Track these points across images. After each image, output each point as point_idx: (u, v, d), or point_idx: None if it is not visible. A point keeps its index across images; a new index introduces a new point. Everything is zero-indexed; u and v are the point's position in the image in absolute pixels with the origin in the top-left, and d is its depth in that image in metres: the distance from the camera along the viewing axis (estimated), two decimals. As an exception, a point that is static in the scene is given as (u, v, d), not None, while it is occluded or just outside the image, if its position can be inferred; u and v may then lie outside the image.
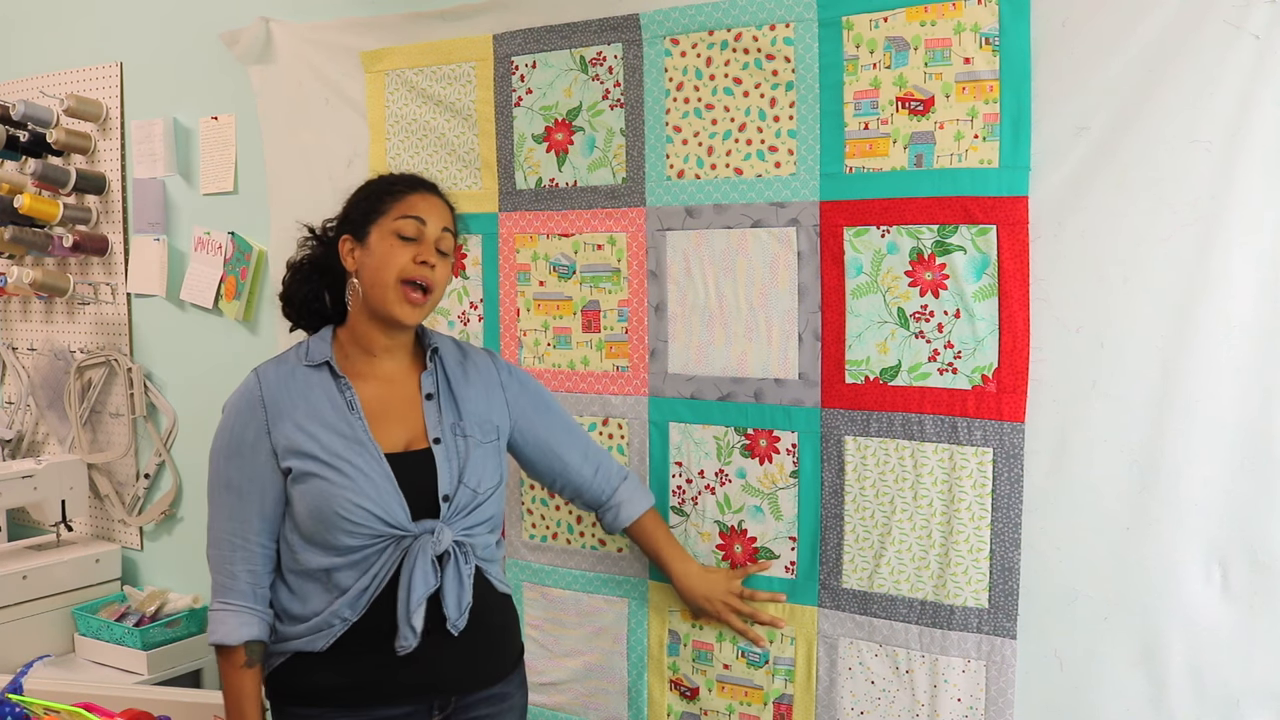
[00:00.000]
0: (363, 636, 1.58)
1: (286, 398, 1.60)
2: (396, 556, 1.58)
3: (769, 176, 1.94)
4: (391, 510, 1.57)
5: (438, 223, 1.66)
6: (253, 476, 1.59)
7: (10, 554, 2.89)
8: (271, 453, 1.58)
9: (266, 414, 1.59)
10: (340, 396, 1.62)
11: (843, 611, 1.92)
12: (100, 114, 2.93)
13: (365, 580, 1.57)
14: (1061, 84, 1.67)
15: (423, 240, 1.63)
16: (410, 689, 1.61)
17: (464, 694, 1.67)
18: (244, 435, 1.60)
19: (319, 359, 1.64)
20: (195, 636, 2.82)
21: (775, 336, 1.95)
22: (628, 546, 2.14)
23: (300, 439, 1.57)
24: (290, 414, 1.59)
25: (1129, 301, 1.65)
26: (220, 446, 1.62)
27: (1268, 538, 1.58)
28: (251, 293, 2.70)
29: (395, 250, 1.61)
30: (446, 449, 1.66)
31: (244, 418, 1.60)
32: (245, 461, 1.59)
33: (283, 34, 2.50)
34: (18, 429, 3.23)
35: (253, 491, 1.59)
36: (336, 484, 1.55)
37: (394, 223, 1.62)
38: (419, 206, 1.64)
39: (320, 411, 1.60)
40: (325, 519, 1.55)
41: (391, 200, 1.64)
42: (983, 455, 1.77)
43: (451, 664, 1.64)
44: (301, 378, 1.62)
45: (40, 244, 2.89)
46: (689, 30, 1.98)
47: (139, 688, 2.34)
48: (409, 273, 1.60)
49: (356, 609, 1.57)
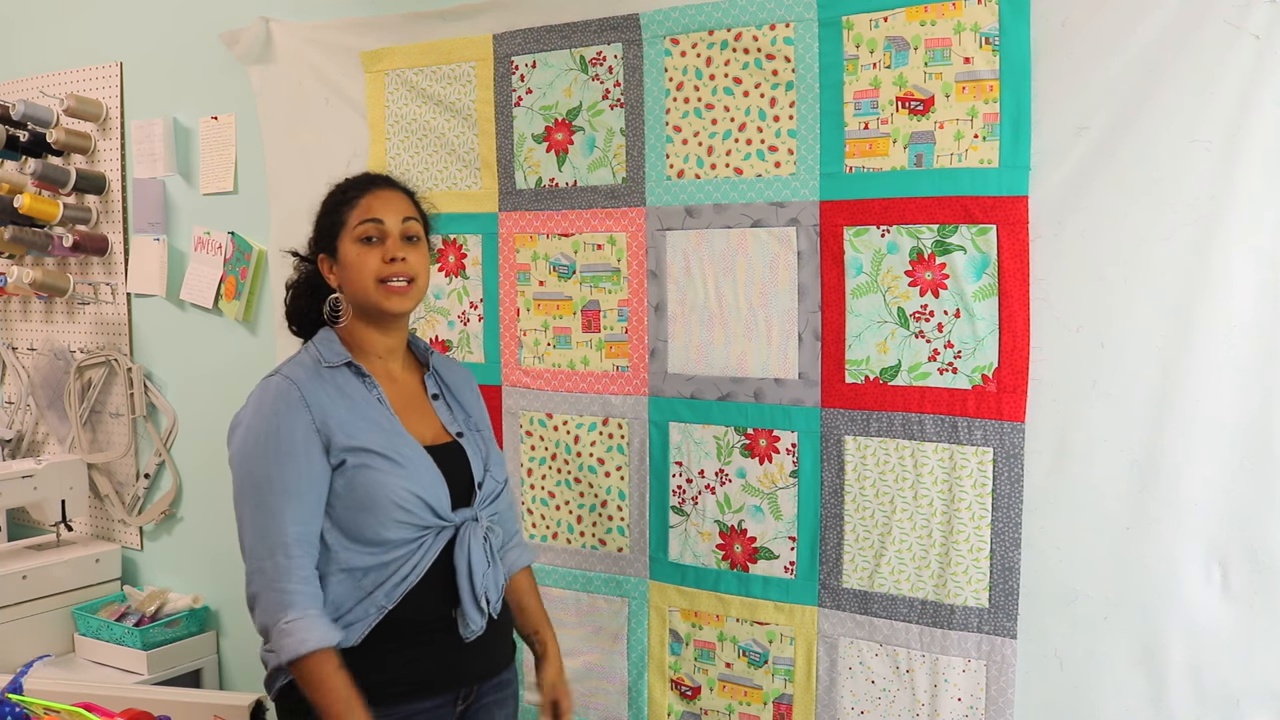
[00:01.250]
0: (394, 630, 1.58)
1: (325, 396, 1.59)
2: (438, 546, 1.60)
3: (769, 176, 1.94)
4: (439, 498, 1.60)
5: (396, 216, 1.66)
6: (310, 476, 1.55)
7: (10, 554, 2.89)
8: (324, 450, 1.56)
9: (311, 413, 1.57)
10: (369, 393, 1.64)
11: (843, 611, 1.92)
12: (100, 114, 2.93)
13: (405, 569, 1.58)
14: (1061, 84, 1.67)
15: (386, 238, 1.64)
16: (441, 682, 1.62)
17: (485, 681, 1.69)
18: (293, 436, 1.55)
19: (338, 360, 1.64)
20: (195, 636, 2.82)
21: (775, 336, 1.95)
22: (628, 546, 2.14)
23: (349, 434, 1.57)
24: (333, 411, 1.58)
25: (1129, 301, 1.65)
26: (264, 452, 1.55)
27: (1268, 538, 1.58)
28: (251, 293, 2.70)
29: (363, 257, 1.62)
30: (470, 442, 1.70)
31: (289, 419, 1.56)
32: (299, 462, 1.55)
33: (283, 34, 2.50)
34: (18, 429, 3.23)
35: (311, 491, 1.55)
36: (390, 473, 1.57)
37: (354, 230, 1.64)
38: (373, 208, 1.65)
39: (359, 407, 1.61)
40: (378, 508, 1.55)
41: (348, 209, 1.65)
42: (983, 455, 1.77)
43: (477, 653, 1.66)
44: (329, 377, 1.62)
45: (40, 244, 2.89)
46: (689, 30, 1.98)
47: (139, 688, 2.34)
48: (382, 274, 1.62)
49: (393, 598, 1.57)
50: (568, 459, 2.20)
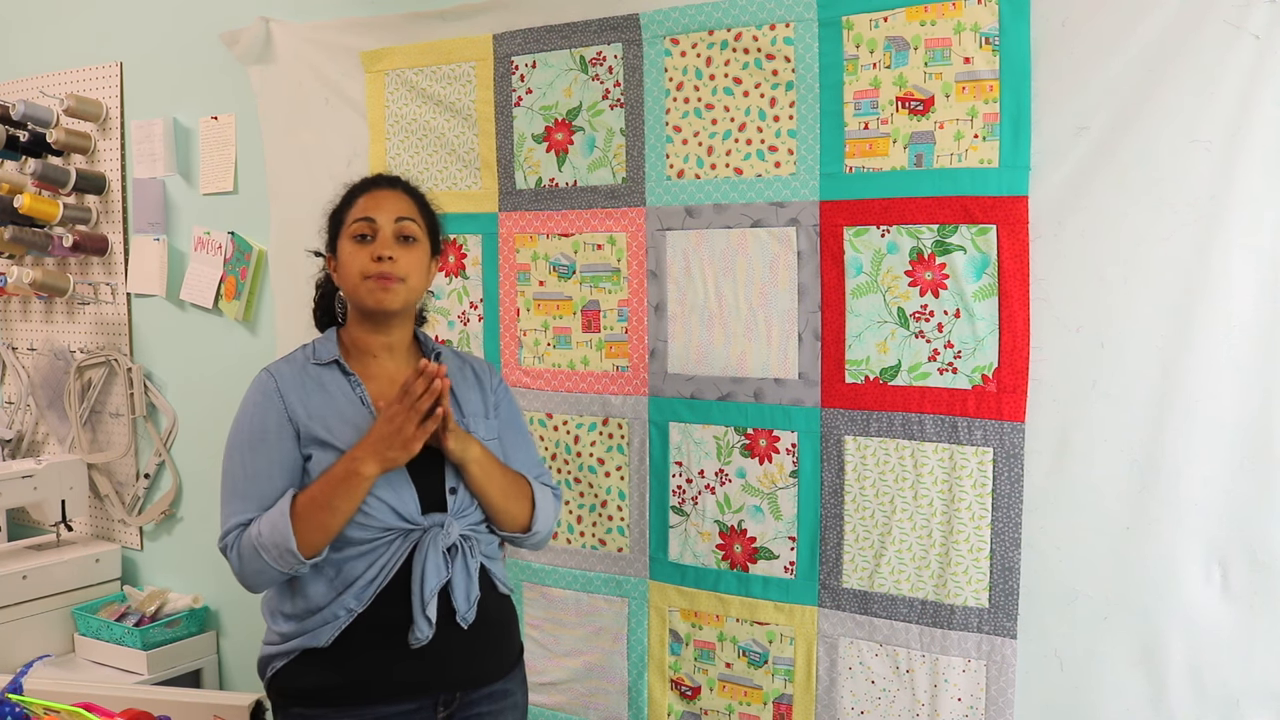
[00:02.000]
0: (368, 631, 1.59)
1: (302, 390, 1.64)
2: (405, 549, 1.59)
3: (769, 176, 1.94)
4: (404, 502, 1.60)
5: (390, 215, 1.67)
6: (280, 461, 1.60)
7: (10, 554, 2.89)
8: (295, 437, 1.61)
9: (284, 402, 1.62)
10: (352, 392, 1.66)
11: (843, 611, 1.92)
12: (100, 114, 2.93)
13: (372, 571, 1.59)
14: (1061, 84, 1.67)
15: (377, 236, 1.65)
16: (415, 685, 1.62)
17: (468, 690, 1.67)
18: (265, 424, 1.62)
19: (327, 358, 1.68)
20: (195, 636, 2.82)
21: (775, 336, 1.95)
22: (628, 546, 2.14)
23: (318, 428, 1.61)
24: (306, 405, 1.63)
25: (1129, 301, 1.65)
26: (240, 442, 1.64)
27: (1268, 538, 1.58)
28: (251, 292, 2.70)
29: (354, 254, 1.65)
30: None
31: (262, 409, 1.63)
32: (270, 448, 1.61)
33: (283, 34, 2.50)
34: (18, 429, 3.23)
35: (280, 475, 1.60)
36: None
37: (349, 229, 1.67)
38: (367, 207, 1.68)
39: (335, 404, 1.64)
40: None
41: (347, 210, 1.70)
42: (983, 455, 1.77)
43: (457, 660, 1.65)
44: (314, 374, 1.67)
45: (40, 244, 2.89)
46: (689, 30, 1.98)
47: (139, 688, 2.34)
48: (368, 270, 1.64)
49: (363, 600, 1.58)
50: (568, 459, 2.20)
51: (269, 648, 1.65)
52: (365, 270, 1.64)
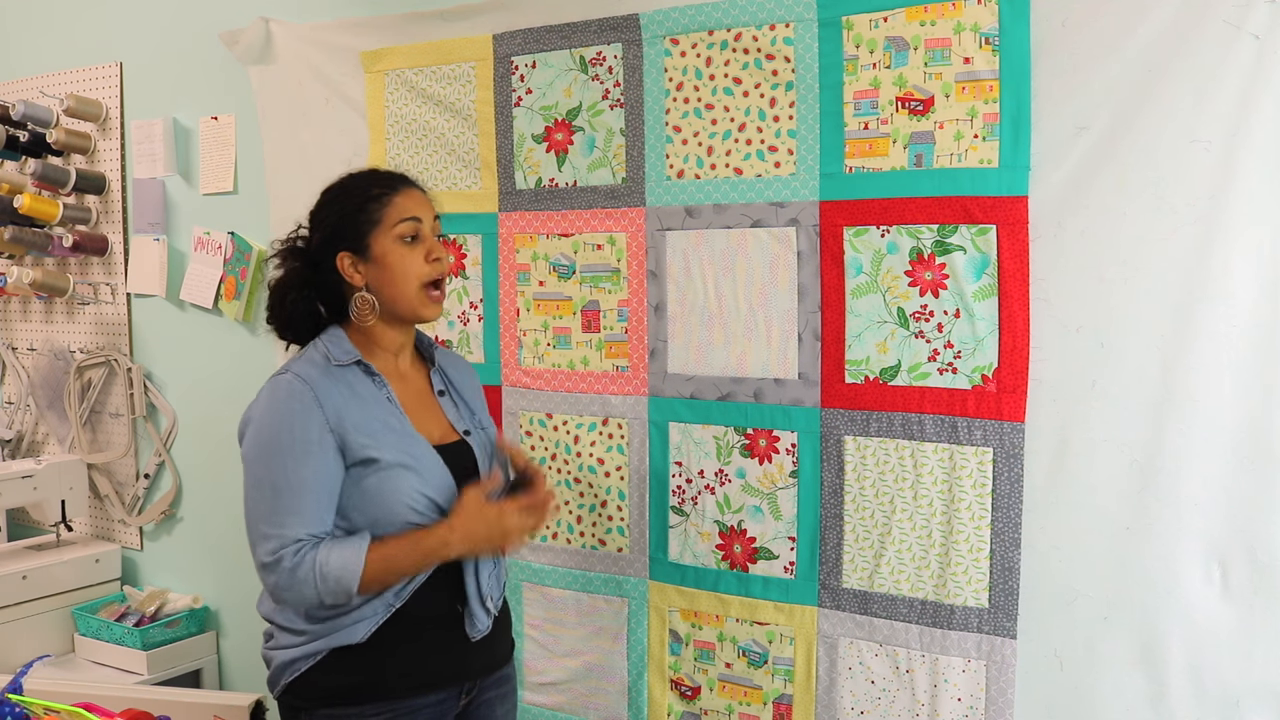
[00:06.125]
0: (402, 627, 1.59)
1: (337, 395, 1.58)
2: None
3: (769, 176, 1.94)
4: (451, 499, 1.60)
5: (429, 214, 1.67)
6: (327, 472, 1.55)
7: (10, 554, 2.89)
8: (338, 449, 1.56)
9: (325, 412, 1.55)
10: (379, 393, 1.63)
11: (842, 611, 1.92)
12: (100, 114, 2.93)
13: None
14: (1061, 84, 1.67)
15: (425, 237, 1.64)
16: (449, 676, 1.64)
17: (487, 676, 1.70)
18: (309, 434, 1.54)
19: (347, 359, 1.62)
20: (195, 636, 2.82)
21: (775, 336, 1.95)
22: (628, 546, 2.14)
23: (362, 435, 1.57)
24: (345, 411, 1.57)
25: (1129, 301, 1.65)
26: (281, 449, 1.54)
27: (1268, 538, 1.58)
28: (251, 293, 2.70)
29: (407, 257, 1.62)
30: (477, 440, 1.71)
31: (303, 418, 1.55)
32: (315, 459, 1.54)
33: (283, 34, 2.50)
34: (18, 429, 3.23)
35: (324, 490, 1.55)
36: (403, 477, 1.57)
37: (394, 229, 1.61)
38: (410, 206, 1.64)
39: (370, 408, 1.60)
40: (391, 510, 1.56)
41: (380, 207, 1.62)
42: (983, 455, 1.77)
43: (480, 648, 1.67)
44: (339, 376, 1.61)
45: (40, 244, 2.89)
46: (689, 30, 1.98)
47: (139, 688, 2.34)
48: (428, 274, 1.63)
49: (402, 595, 1.58)
50: (568, 459, 2.20)
51: (287, 651, 1.60)
52: (424, 275, 1.62)
